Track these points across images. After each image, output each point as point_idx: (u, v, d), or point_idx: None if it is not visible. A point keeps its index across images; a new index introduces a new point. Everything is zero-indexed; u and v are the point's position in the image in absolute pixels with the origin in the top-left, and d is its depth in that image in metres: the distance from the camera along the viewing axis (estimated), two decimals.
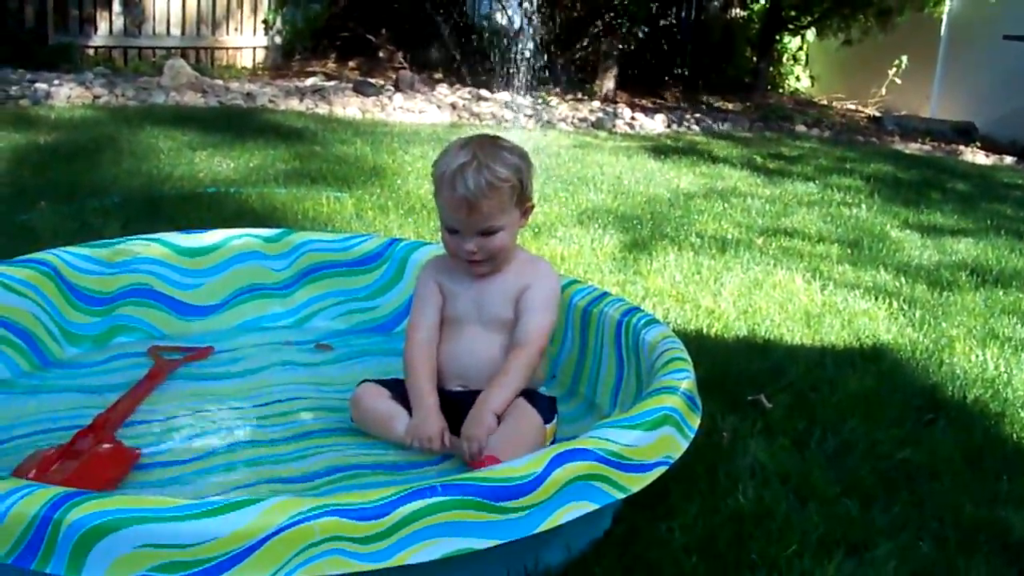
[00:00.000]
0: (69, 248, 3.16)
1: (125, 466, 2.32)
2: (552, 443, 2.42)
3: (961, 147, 10.53)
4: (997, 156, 10.23)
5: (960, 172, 8.82)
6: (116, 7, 11.11)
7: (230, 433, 2.56)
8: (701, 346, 3.33)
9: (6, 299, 2.86)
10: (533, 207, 2.69)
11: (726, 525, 2.26)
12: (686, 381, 2.29)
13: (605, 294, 3.01)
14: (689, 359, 2.45)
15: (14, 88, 8.54)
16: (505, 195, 2.52)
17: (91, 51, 10.94)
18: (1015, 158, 10.16)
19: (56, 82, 8.98)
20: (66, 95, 8.57)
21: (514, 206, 2.56)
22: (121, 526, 1.60)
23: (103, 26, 11.08)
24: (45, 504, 1.62)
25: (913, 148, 10.40)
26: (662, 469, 2.02)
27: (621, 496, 1.93)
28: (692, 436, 2.17)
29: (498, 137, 2.65)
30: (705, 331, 3.65)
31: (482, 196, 2.48)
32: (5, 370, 2.81)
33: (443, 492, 1.72)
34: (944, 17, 12.28)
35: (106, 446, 2.39)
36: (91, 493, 1.67)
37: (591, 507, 1.87)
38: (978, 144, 10.64)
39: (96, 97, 8.72)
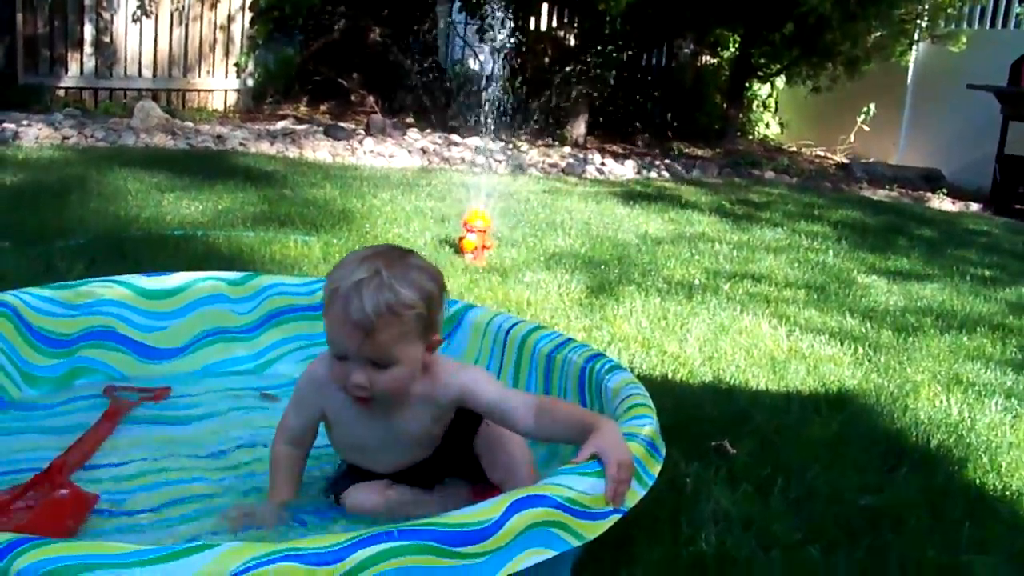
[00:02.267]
0: (30, 289, 3.13)
1: (83, 512, 2.29)
2: None
3: (928, 194, 10.63)
4: (963, 203, 10.33)
5: (927, 218, 8.91)
6: (87, 48, 11.11)
7: (189, 481, 2.53)
8: (666, 392, 3.33)
9: None
10: (440, 342, 2.27)
11: (688, 572, 2.25)
12: (647, 427, 2.28)
13: (569, 340, 3.00)
14: (652, 405, 2.43)
15: None
16: (408, 324, 2.11)
17: (61, 92, 10.92)
18: (980, 205, 10.26)
19: (25, 122, 8.95)
20: (35, 135, 8.54)
21: (418, 338, 2.16)
22: (72, 573, 1.57)
23: (74, 67, 11.07)
24: None
25: (881, 195, 10.49)
26: (616, 517, 2.01)
27: (578, 543, 1.91)
28: (651, 484, 2.16)
29: (411, 252, 2.24)
30: (670, 377, 3.65)
31: (380, 321, 2.08)
32: None
33: (399, 536, 1.70)
34: (911, 66, 12.46)
35: (63, 491, 2.36)
36: (40, 539, 1.64)
37: (549, 553, 1.86)
38: (944, 191, 10.74)
39: (65, 138, 8.69)
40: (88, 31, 11.10)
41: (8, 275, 4.16)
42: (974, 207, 10.21)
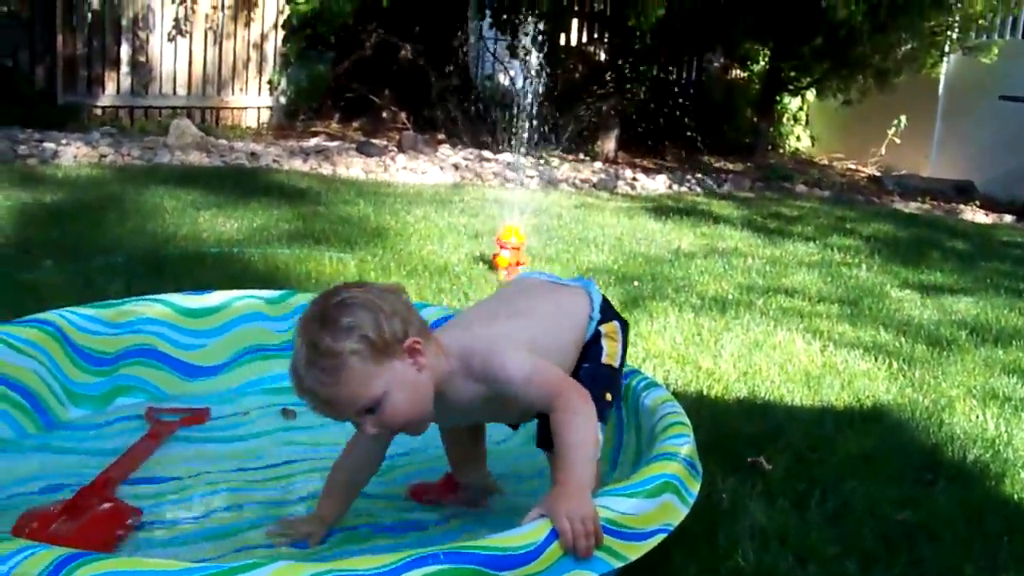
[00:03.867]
0: (74, 308, 3.18)
1: (126, 525, 2.33)
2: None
3: (961, 206, 10.58)
4: (996, 215, 10.28)
5: (960, 231, 8.87)
6: (124, 68, 11.25)
7: (230, 495, 2.57)
8: (701, 408, 3.35)
9: (11, 359, 2.89)
10: (419, 343, 2.13)
11: None
12: (686, 447, 2.30)
13: None
14: (689, 423, 2.45)
15: (22, 147, 8.63)
16: (355, 367, 2.03)
17: (98, 111, 11.07)
18: (1014, 216, 10.20)
19: (63, 141, 9.07)
20: (73, 154, 8.65)
21: (378, 364, 2.06)
22: None
23: (111, 86, 11.21)
24: (48, 566, 1.63)
25: (913, 207, 10.45)
26: (661, 537, 2.03)
27: (620, 564, 1.93)
28: (692, 502, 2.17)
29: (331, 291, 2.17)
30: (705, 393, 3.66)
31: (322, 392, 2.05)
32: (9, 430, 2.83)
33: (445, 560, 1.72)
34: (942, 78, 12.41)
35: (106, 505, 2.40)
36: (93, 555, 1.67)
37: None
38: (977, 203, 10.69)
39: (102, 156, 8.80)
40: (124, 51, 11.24)
41: (50, 292, 4.23)
42: (1008, 219, 10.15)
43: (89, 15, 10.95)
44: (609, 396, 2.34)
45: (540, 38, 10.67)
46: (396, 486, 2.66)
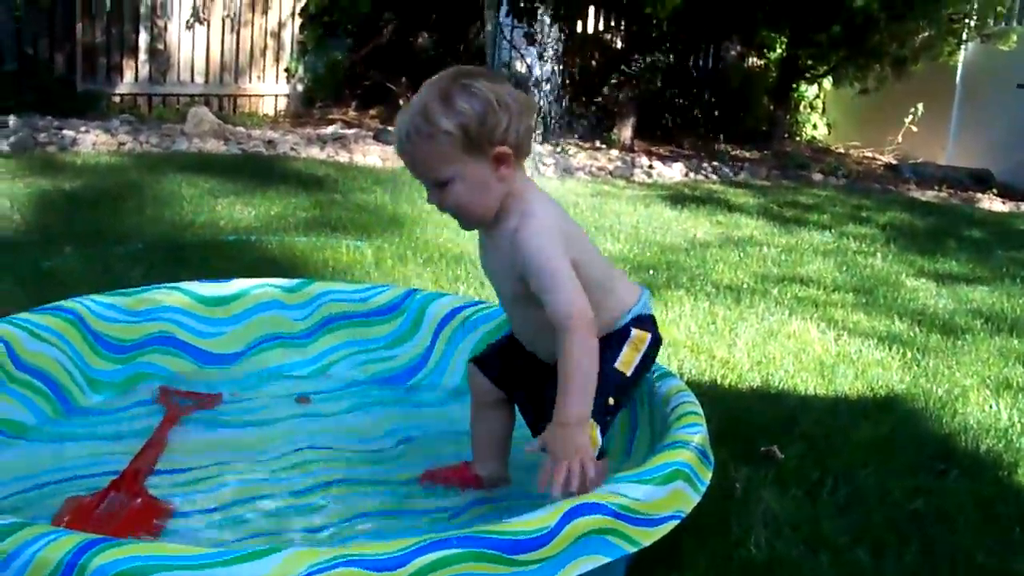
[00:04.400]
0: (94, 296, 3.22)
1: (162, 520, 2.36)
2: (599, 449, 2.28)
3: (978, 194, 10.55)
4: (1014, 203, 10.24)
5: (976, 219, 8.85)
6: (142, 55, 11.32)
7: (250, 484, 2.60)
8: (715, 396, 3.36)
9: (32, 346, 2.92)
10: (510, 153, 2.24)
11: (738, 575, 2.29)
12: (698, 435, 2.32)
13: None
14: (702, 413, 2.46)
15: (42, 135, 8.69)
16: (443, 145, 2.18)
17: (117, 98, 11.14)
18: None
19: (83, 129, 9.13)
20: (92, 142, 8.71)
21: (466, 154, 2.20)
22: (144, 573, 1.64)
23: (129, 74, 11.28)
24: (70, 550, 1.66)
25: (930, 195, 10.42)
26: (673, 523, 2.05)
27: (632, 549, 1.96)
28: (704, 490, 2.19)
29: (473, 71, 2.27)
30: (719, 381, 3.68)
31: (408, 145, 2.22)
32: (31, 416, 2.87)
33: (458, 544, 1.75)
34: (959, 65, 12.36)
35: (140, 501, 2.43)
36: (115, 540, 1.71)
37: (603, 560, 1.90)
38: (995, 191, 10.66)
39: (121, 144, 8.85)
40: (143, 39, 11.32)
41: (70, 279, 4.29)
42: None
43: (108, 3, 11.02)
44: (612, 401, 2.34)
45: (557, 26, 10.66)
46: (409, 471, 2.69)
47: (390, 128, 11.00)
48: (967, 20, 11.48)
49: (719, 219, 7.52)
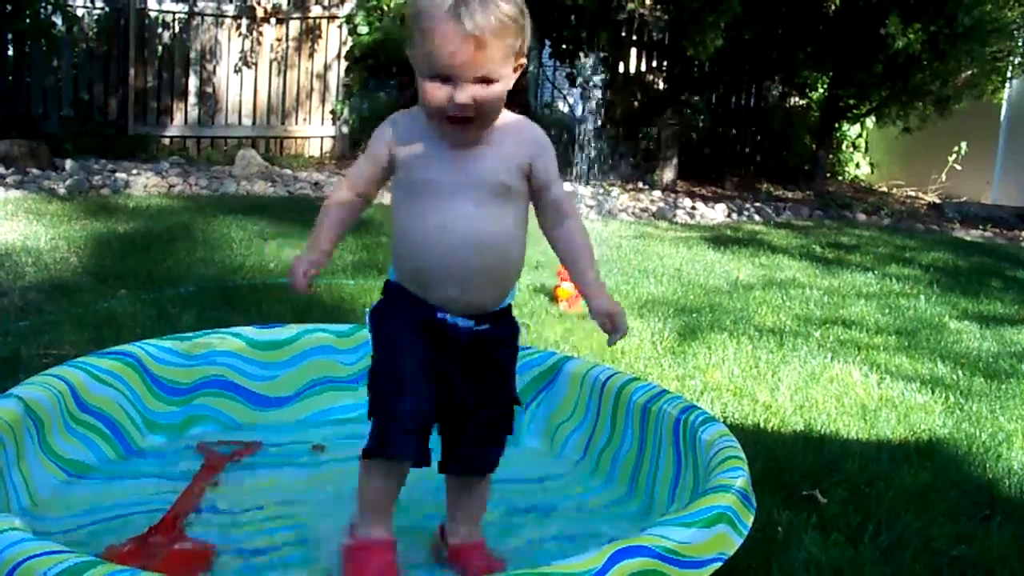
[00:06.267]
0: (152, 340, 3.33)
1: (202, 565, 2.42)
2: None
3: (1023, 233, 10.50)
4: None
5: (1021, 259, 8.81)
6: (191, 98, 11.56)
7: (292, 529, 2.65)
8: (758, 441, 3.40)
9: (94, 388, 3.03)
10: (524, 66, 2.30)
11: None
12: (740, 479, 2.36)
13: (664, 392, 3.09)
14: (744, 457, 2.51)
15: (96, 177, 8.89)
16: (510, 38, 2.18)
17: (166, 140, 11.37)
18: None
19: (134, 171, 9.35)
20: (143, 184, 8.90)
21: (514, 54, 2.22)
22: None
23: (178, 116, 11.53)
24: None
25: (974, 235, 10.39)
26: (716, 565, 2.10)
27: None
28: (746, 533, 2.24)
29: None
30: (762, 425, 3.72)
31: (491, 33, 2.13)
32: (91, 456, 2.97)
33: None
34: (1004, 103, 12.33)
35: (180, 545, 2.49)
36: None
37: None
38: None
39: (171, 186, 9.03)
40: (192, 82, 11.58)
41: (125, 321, 4.39)
42: None
43: (160, 48, 11.28)
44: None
45: (599, 67, 10.76)
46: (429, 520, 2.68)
47: None
48: (1011, 57, 11.45)
49: (762, 261, 7.55)
